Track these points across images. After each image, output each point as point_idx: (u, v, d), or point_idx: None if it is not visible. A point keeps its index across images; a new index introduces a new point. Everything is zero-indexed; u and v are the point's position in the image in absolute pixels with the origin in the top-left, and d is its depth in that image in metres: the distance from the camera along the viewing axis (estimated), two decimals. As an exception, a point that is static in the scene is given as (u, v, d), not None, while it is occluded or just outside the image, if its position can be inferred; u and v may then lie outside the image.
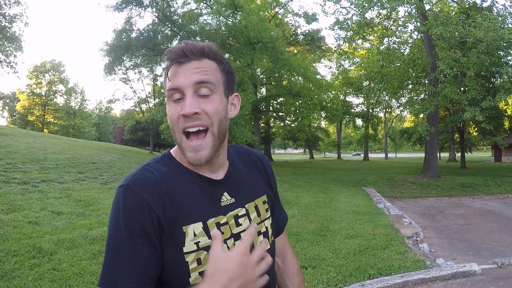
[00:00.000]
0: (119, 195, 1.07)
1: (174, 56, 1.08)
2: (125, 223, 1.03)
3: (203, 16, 25.20)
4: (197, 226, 1.09)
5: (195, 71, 1.08)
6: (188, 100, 1.06)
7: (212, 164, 1.18)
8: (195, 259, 1.07)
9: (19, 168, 11.96)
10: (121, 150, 27.63)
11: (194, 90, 1.07)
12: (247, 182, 1.29)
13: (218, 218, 1.14)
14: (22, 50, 33.33)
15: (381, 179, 22.44)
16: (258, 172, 1.36)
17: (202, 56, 1.10)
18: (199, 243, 1.08)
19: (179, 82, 1.07)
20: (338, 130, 58.52)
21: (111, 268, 1.04)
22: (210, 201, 1.15)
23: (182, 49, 1.08)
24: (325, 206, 11.20)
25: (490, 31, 16.20)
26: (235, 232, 1.17)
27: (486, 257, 6.72)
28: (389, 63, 23.62)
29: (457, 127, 29.65)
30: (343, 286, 4.92)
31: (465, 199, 14.43)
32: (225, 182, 1.21)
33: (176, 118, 1.08)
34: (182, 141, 1.10)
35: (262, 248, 1.03)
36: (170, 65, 1.10)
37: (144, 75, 36.85)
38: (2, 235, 6.11)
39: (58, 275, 4.77)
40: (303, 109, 28.16)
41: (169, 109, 1.10)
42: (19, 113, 65.11)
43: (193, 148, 1.09)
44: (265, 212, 1.29)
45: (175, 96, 1.08)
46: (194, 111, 1.06)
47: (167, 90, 1.09)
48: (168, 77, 1.10)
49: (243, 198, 1.24)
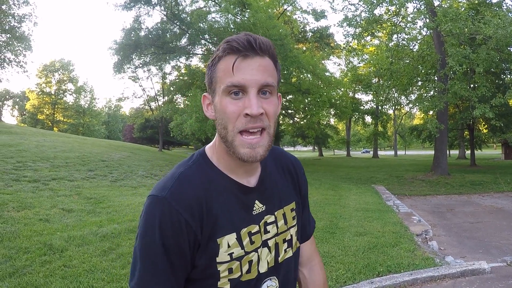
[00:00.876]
0: (155, 208, 1.05)
1: (240, 48, 1.03)
2: (162, 241, 1.03)
3: (211, 14, 25.19)
4: (231, 237, 1.10)
5: (259, 70, 1.04)
6: (253, 100, 1.03)
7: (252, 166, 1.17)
8: (227, 268, 1.09)
9: (29, 167, 12.06)
10: (131, 148, 27.74)
11: (258, 89, 1.04)
12: (277, 188, 1.26)
13: (250, 227, 1.14)
14: (31, 50, 33.57)
15: (390, 176, 22.36)
16: (290, 177, 1.33)
17: (266, 53, 1.07)
18: (233, 254, 1.09)
19: (244, 79, 1.03)
20: (347, 127, 58.29)
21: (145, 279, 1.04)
22: (243, 210, 1.15)
23: (250, 41, 1.04)
24: (334, 203, 11.19)
25: (499, 28, 16.07)
26: (264, 239, 1.17)
27: (495, 255, 6.69)
28: (398, 59, 23.48)
29: (467, 124, 29.45)
30: (352, 283, 4.93)
31: (475, 197, 14.34)
32: (257, 190, 1.19)
33: (235, 115, 1.04)
34: (236, 138, 1.05)
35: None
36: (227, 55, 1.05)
37: (153, 73, 36.95)
38: (13, 233, 6.17)
39: (69, 272, 4.82)
40: (312, 106, 28.12)
41: (223, 103, 1.05)
42: (29, 112, 65.67)
43: (250, 144, 1.05)
44: (291, 220, 1.27)
45: (233, 91, 1.04)
46: (260, 112, 1.03)
47: (227, 85, 1.03)
48: (233, 69, 1.03)
49: (273, 205, 1.22)
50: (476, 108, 18.28)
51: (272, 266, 1.19)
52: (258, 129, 1.05)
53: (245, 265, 1.12)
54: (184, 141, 58.51)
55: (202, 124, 21.32)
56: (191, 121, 21.77)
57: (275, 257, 1.20)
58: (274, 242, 1.20)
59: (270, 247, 1.19)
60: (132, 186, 12.11)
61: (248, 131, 1.05)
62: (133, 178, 13.78)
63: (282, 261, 1.22)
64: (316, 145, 62.53)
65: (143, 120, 49.54)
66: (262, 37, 1.07)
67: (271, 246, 1.19)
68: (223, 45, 1.05)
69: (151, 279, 1.03)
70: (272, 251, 1.19)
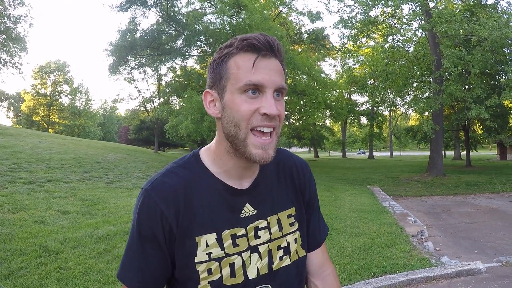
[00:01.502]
0: (139, 198, 1.11)
1: (262, 47, 1.03)
2: (138, 227, 1.09)
3: (207, 16, 25.24)
4: (210, 237, 1.09)
5: (276, 71, 1.05)
6: (271, 100, 1.03)
7: (251, 169, 1.17)
8: (206, 269, 1.08)
9: (24, 168, 12.03)
10: (126, 150, 27.71)
11: (273, 91, 1.04)
12: (273, 193, 1.23)
13: (235, 230, 1.12)
14: (27, 51, 33.43)
15: (386, 177, 22.41)
16: (290, 182, 1.28)
17: (281, 56, 1.08)
18: (211, 254, 1.08)
19: (264, 79, 1.02)
20: (343, 128, 58.41)
21: (124, 263, 1.12)
22: (230, 212, 1.13)
23: (269, 42, 1.04)
24: (330, 204, 11.20)
25: (494, 30, 16.14)
26: (253, 244, 1.14)
27: (490, 256, 6.72)
28: (394, 61, 23.56)
29: (462, 125, 29.51)
30: (348, 284, 4.93)
31: (470, 198, 14.39)
32: (249, 193, 1.17)
33: (250, 114, 1.03)
34: (249, 137, 1.04)
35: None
36: (244, 52, 1.04)
37: (149, 74, 36.99)
38: (9, 234, 6.15)
39: (65, 274, 4.81)
40: (308, 107, 28.11)
41: (238, 101, 1.04)
42: (24, 114, 65.49)
43: (264, 145, 1.04)
44: (288, 226, 1.22)
45: (250, 90, 1.03)
46: (277, 113, 1.04)
47: (245, 83, 1.02)
48: (252, 68, 1.02)
49: (265, 210, 1.19)
50: (472, 109, 18.35)
51: (265, 274, 1.15)
52: (271, 129, 1.05)
53: (226, 267, 1.09)
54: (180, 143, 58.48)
55: (198, 125, 21.32)
56: (186, 122, 21.77)
57: (269, 264, 1.16)
58: (267, 248, 1.17)
59: (261, 253, 1.16)
60: (128, 188, 12.09)
61: (260, 131, 1.04)
62: (128, 179, 13.76)
63: (277, 269, 1.18)
64: (312, 147, 62.58)
65: (138, 121, 49.57)
66: (276, 39, 1.07)
67: (262, 252, 1.16)
68: (239, 42, 1.04)
69: (127, 265, 1.11)
70: (264, 257, 1.16)
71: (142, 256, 1.08)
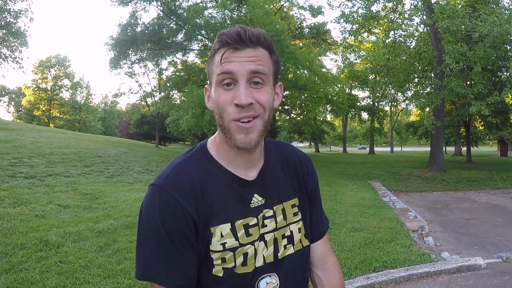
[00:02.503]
0: (155, 197, 1.08)
1: (229, 41, 1.05)
2: (165, 229, 1.06)
3: (208, 10, 25.10)
4: (224, 227, 1.11)
5: (250, 59, 1.05)
6: (242, 89, 1.04)
7: (250, 158, 1.18)
8: (220, 257, 1.10)
9: (25, 163, 12.03)
10: (127, 144, 27.71)
11: (247, 79, 1.05)
12: (278, 183, 1.25)
13: (247, 220, 1.14)
14: (27, 46, 33.34)
15: (386, 172, 22.41)
16: (294, 173, 1.30)
17: (258, 44, 1.08)
18: (226, 244, 1.10)
19: (234, 68, 1.04)
20: (343, 123, 58.46)
21: (152, 268, 1.07)
22: (240, 202, 1.15)
23: (239, 34, 1.05)
24: (330, 199, 11.20)
25: (495, 26, 16.09)
26: (261, 233, 1.17)
27: (491, 251, 6.72)
28: (395, 56, 23.51)
29: (463, 121, 29.52)
30: (348, 278, 4.94)
31: (471, 193, 14.39)
32: (256, 183, 1.19)
33: (226, 104, 1.05)
34: (231, 124, 1.06)
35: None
36: (219, 48, 1.07)
37: (150, 69, 36.91)
38: (9, 229, 6.16)
39: (65, 268, 4.81)
40: (309, 102, 28.04)
41: (217, 94, 1.07)
42: (25, 108, 65.49)
43: (245, 129, 1.06)
44: (292, 216, 1.25)
45: (226, 81, 1.05)
46: (249, 101, 1.04)
47: (217, 74, 1.05)
48: (221, 61, 1.05)
49: (272, 199, 1.21)
50: (472, 105, 18.31)
51: (271, 262, 1.18)
52: (249, 118, 1.06)
53: (239, 257, 1.12)
54: (181, 137, 58.48)
55: (199, 119, 21.28)
56: (187, 116, 21.73)
57: (274, 253, 1.19)
58: (273, 237, 1.19)
59: (267, 242, 1.18)
60: (129, 182, 12.10)
61: (240, 121, 1.05)
62: (129, 174, 13.77)
63: (282, 258, 1.20)
64: (313, 141, 62.66)
65: (139, 116, 49.60)
66: (254, 29, 1.08)
67: (268, 241, 1.18)
68: (216, 38, 1.09)
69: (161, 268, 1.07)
70: (270, 246, 1.18)
71: (177, 255, 1.07)
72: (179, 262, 1.07)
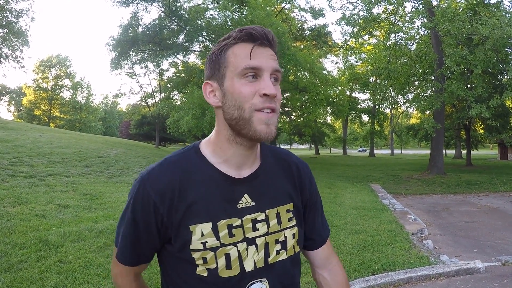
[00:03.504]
0: (135, 185, 1.16)
1: (260, 37, 1.09)
2: (132, 213, 1.14)
3: (209, 11, 25.09)
4: (205, 226, 1.10)
5: (272, 57, 1.11)
6: (268, 82, 1.08)
7: (249, 157, 1.19)
8: (200, 257, 1.10)
9: (25, 162, 12.04)
10: (127, 145, 27.72)
11: (270, 74, 1.10)
12: (273, 187, 1.24)
13: (231, 220, 1.13)
14: (29, 45, 33.40)
15: (386, 175, 22.41)
16: (290, 179, 1.29)
17: (275, 47, 1.14)
18: (206, 243, 1.10)
19: (261, 63, 1.08)
20: (344, 126, 58.39)
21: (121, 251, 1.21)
22: (226, 201, 1.14)
23: (266, 34, 1.10)
24: (330, 201, 11.20)
25: (496, 28, 16.11)
26: (250, 236, 1.15)
27: (490, 255, 6.73)
28: (396, 59, 23.53)
29: (464, 124, 29.51)
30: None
31: (470, 197, 14.40)
32: (248, 182, 1.18)
33: (251, 95, 1.07)
34: (254, 114, 1.08)
35: None
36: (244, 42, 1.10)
37: (150, 69, 36.97)
38: (9, 228, 6.17)
39: (65, 268, 4.82)
40: (309, 104, 28.04)
41: (239, 85, 1.08)
42: (26, 108, 65.42)
43: (267, 119, 1.08)
44: (287, 221, 1.23)
45: (250, 74, 1.08)
46: (276, 92, 1.08)
47: (244, 68, 1.07)
48: (250, 55, 1.08)
49: (264, 202, 1.20)
50: (473, 108, 18.32)
51: (261, 267, 1.16)
52: (270, 109, 1.09)
53: (221, 258, 1.11)
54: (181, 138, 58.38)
55: (199, 121, 21.30)
56: (188, 118, 21.76)
57: (265, 258, 1.17)
58: (264, 241, 1.17)
59: (258, 246, 1.16)
60: (128, 183, 12.10)
61: (263, 111, 1.08)
62: (129, 174, 13.77)
63: (273, 263, 1.19)
64: (313, 143, 62.61)
65: (139, 116, 49.54)
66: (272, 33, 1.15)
67: (259, 245, 1.16)
68: (238, 32, 1.10)
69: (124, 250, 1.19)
70: (261, 250, 1.17)
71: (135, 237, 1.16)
72: (135, 244, 1.17)
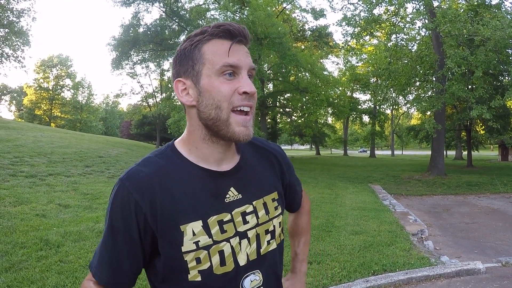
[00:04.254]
0: (113, 190, 1.09)
1: (238, 35, 1.08)
2: (111, 219, 1.07)
3: (210, 11, 25.14)
4: (196, 225, 1.07)
5: (248, 55, 1.11)
6: (248, 80, 1.08)
7: (227, 153, 1.17)
8: (194, 258, 1.06)
9: (26, 162, 12.04)
10: (128, 145, 27.72)
11: (247, 72, 1.09)
12: (256, 177, 1.24)
13: (221, 216, 1.11)
14: (30, 45, 33.47)
15: (387, 176, 22.40)
16: (271, 167, 1.30)
17: (249, 43, 1.14)
18: (199, 243, 1.06)
19: (240, 61, 1.07)
20: (344, 126, 58.35)
21: (96, 256, 1.13)
22: (213, 197, 1.12)
23: (243, 31, 1.09)
24: (330, 202, 11.20)
25: (498, 29, 16.10)
26: (242, 230, 1.14)
27: (490, 256, 6.72)
28: (397, 60, 23.51)
29: (464, 125, 29.52)
30: (348, 281, 4.94)
31: (471, 198, 14.38)
32: (232, 175, 1.17)
33: (230, 93, 1.06)
34: (231, 115, 1.07)
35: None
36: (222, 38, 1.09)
37: (151, 69, 37.06)
38: (10, 227, 6.17)
39: (65, 267, 4.82)
40: (310, 105, 28.09)
41: (218, 83, 1.06)
42: (27, 107, 65.42)
43: (245, 122, 1.08)
44: (274, 210, 1.24)
45: (227, 72, 1.06)
46: (255, 90, 1.08)
47: (223, 65, 1.06)
48: (228, 52, 1.07)
49: (251, 194, 1.19)
50: (474, 109, 18.31)
51: (254, 259, 1.16)
52: (250, 107, 1.09)
53: (215, 256, 1.08)
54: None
55: (200, 121, 21.29)
56: (188, 118, 21.76)
57: (257, 249, 1.17)
58: (255, 233, 1.17)
59: (250, 238, 1.15)
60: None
61: (241, 110, 1.08)
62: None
63: (265, 254, 1.19)
64: (313, 144, 62.64)
65: (140, 116, 49.56)
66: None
67: (251, 238, 1.15)
68: (214, 28, 1.08)
69: (99, 259, 1.11)
70: (253, 242, 1.16)
71: (114, 250, 1.08)
72: (115, 259, 1.08)
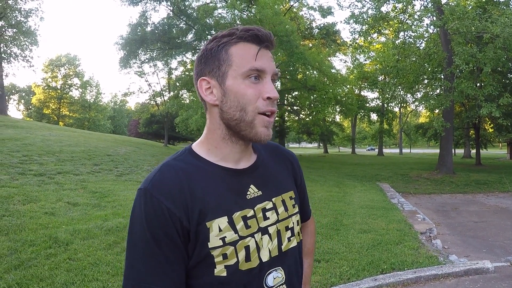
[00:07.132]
0: (140, 200, 1.06)
1: (265, 40, 1.12)
2: (151, 234, 1.03)
3: (217, 10, 25.12)
4: (222, 221, 1.08)
5: (272, 60, 1.14)
6: (271, 85, 1.12)
7: (246, 153, 1.21)
8: (220, 253, 1.06)
9: (35, 160, 12.11)
10: (136, 143, 27.79)
11: (271, 76, 1.13)
12: (274, 175, 1.27)
13: (245, 211, 1.12)
14: (38, 44, 33.70)
15: (395, 174, 22.31)
16: (286, 168, 1.34)
17: (273, 48, 1.17)
18: (225, 238, 1.07)
19: (266, 66, 1.11)
20: (352, 124, 58.12)
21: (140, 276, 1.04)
22: (235, 194, 1.13)
23: (270, 37, 1.12)
24: (339, 200, 11.19)
25: (507, 26, 15.98)
26: (263, 226, 1.15)
27: (499, 255, 6.69)
28: (405, 57, 23.39)
29: (473, 123, 29.36)
30: (356, 280, 4.94)
31: (480, 196, 14.30)
32: (250, 173, 1.19)
33: (255, 98, 1.09)
34: (257, 117, 1.10)
35: None
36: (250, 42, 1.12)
37: (159, 68, 37.03)
38: (19, 225, 6.21)
39: (74, 265, 4.85)
40: (318, 103, 28.01)
41: (243, 86, 1.09)
42: (35, 106, 65.84)
43: (269, 123, 1.13)
44: (292, 208, 1.26)
45: (253, 75, 1.09)
46: (278, 96, 1.11)
47: (249, 69, 1.09)
48: (256, 57, 1.10)
49: (270, 191, 1.21)
50: (483, 107, 18.19)
51: (276, 256, 1.16)
52: (272, 112, 1.12)
53: (241, 251, 1.08)
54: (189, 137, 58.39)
55: (208, 119, 21.32)
56: (196, 116, 21.82)
57: (278, 246, 1.18)
58: (276, 229, 1.18)
59: (271, 234, 1.16)
60: (137, 181, 12.14)
61: (266, 115, 1.12)
62: (138, 172, 13.82)
63: (286, 250, 1.20)
64: (321, 142, 62.50)
65: (148, 115, 49.62)
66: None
67: (272, 234, 1.17)
68: (243, 32, 1.11)
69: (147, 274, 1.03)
70: (274, 238, 1.17)
71: (164, 260, 1.04)
72: (165, 269, 1.04)
